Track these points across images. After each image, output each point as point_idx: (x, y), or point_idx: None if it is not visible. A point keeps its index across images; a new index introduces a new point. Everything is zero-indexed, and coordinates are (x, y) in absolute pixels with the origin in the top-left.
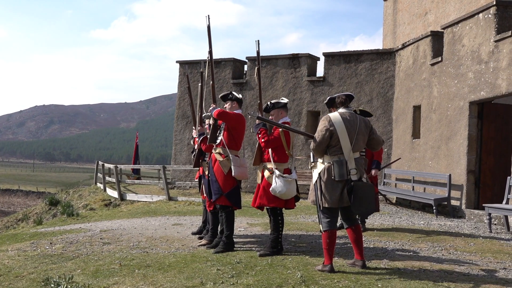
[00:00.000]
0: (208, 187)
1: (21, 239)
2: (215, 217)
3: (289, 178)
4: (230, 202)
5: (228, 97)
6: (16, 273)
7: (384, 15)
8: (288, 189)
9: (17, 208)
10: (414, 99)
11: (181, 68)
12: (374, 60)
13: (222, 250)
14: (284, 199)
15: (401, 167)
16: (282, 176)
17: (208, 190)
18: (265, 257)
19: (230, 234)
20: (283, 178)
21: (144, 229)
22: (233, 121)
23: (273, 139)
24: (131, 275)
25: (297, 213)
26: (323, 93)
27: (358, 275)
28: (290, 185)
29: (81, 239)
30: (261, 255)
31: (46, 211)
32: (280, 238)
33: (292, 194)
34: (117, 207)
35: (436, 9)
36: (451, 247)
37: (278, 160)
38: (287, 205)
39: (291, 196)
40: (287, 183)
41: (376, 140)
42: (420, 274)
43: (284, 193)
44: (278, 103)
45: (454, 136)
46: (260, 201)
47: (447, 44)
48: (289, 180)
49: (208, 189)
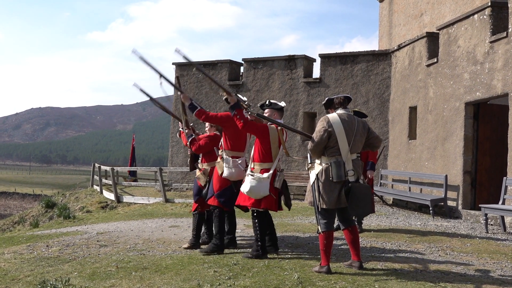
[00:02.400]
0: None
1: (17, 242)
2: (197, 220)
3: (256, 177)
4: (219, 203)
5: None
6: (13, 276)
7: (379, 17)
8: (253, 187)
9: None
10: (410, 100)
11: (177, 70)
12: (370, 62)
13: (208, 251)
14: (253, 197)
15: (398, 168)
16: (250, 174)
17: (194, 192)
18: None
19: (219, 235)
20: (251, 176)
21: (141, 231)
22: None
23: (252, 125)
24: (128, 278)
25: (294, 214)
26: (320, 95)
27: (355, 276)
28: (257, 183)
29: (78, 242)
30: (243, 257)
31: (43, 213)
32: (259, 241)
33: (260, 194)
34: (114, 209)
35: (431, 10)
36: (448, 248)
37: (257, 159)
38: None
39: (258, 196)
40: (254, 180)
41: (376, 138)
42: (417, 275)
43: (249, 190)
44: (275, 104)
45: (450, 136)
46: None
47: (443, 45)
48: (256, 179)
49: (195, 191)
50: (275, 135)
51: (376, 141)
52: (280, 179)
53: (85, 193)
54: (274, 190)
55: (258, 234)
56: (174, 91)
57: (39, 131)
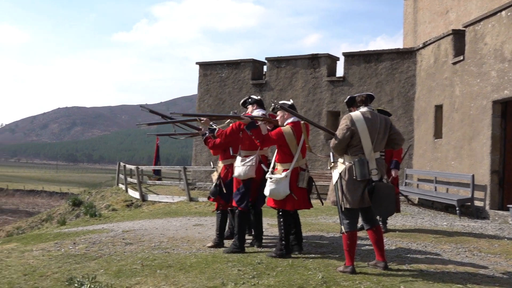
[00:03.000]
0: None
1: (45, 239)
2: (220, 218)
3: (274, 179)
4: (235, 203)
5: (248, 101)
6: (41, 272)
7: (404, 14)
8: (273, 189)
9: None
10: (435, 99)
11: (200, 70)
12: (395, 60)
13: (230, 251)
14: (276, 199)
15: (423, 167)
16: (268, 177)
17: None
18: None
19: (239, 235)
20: (269, 179)
21: (166, 229)
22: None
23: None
24: (153, 275)
25: (318, 213)
26: (343, 93)
27: (380, 276)
28: (276, 185)
29: (104, 240)
30: (267, 256)
31: (70, 211)
32: (284, 240)
33: (281, 194)
34: (139, 208)
35: (457, 7)
36: (475, 249)
37: (278, 160)
38: (288, 207)
39: (280, 197)
40: (272, 183)
41: (397, 134)
42: (443, 276)
43: (270, 193)
44: (284, 104)
45: (477, 135)
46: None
47: (469, 42)
48: (274, 181)
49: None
50: (290, 136)
51: (398, 137)
52: (303, 178)
53: (110, 192)
54: (298, 189)
55: (283, 233)
56: (198, 90)
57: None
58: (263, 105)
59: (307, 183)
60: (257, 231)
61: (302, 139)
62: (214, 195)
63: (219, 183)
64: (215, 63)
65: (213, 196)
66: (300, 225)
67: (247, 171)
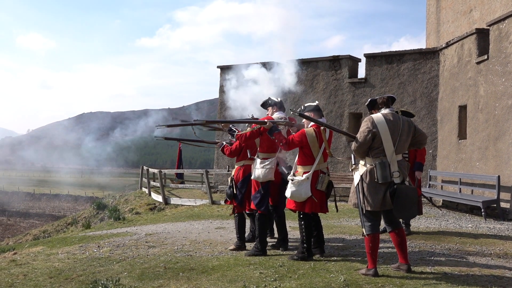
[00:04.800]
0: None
1: (70, 243)
2: (238, 221)
3: (295, 181)
4: (254, 206)
5: (268, 103)
6: (66, 275)
7: (427, 14)
8: (294, 191)
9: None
10: (459, 99)
11: (221, 73)
12: (417, 60)
13: (251, 253)
14: (297, 201)
15: (447, 168)
16: (290, 179)
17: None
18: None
19: (261, 238)
20: (291, 181)
21: (188, 232)
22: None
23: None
24: (175, 278)
25: (340, 216)
26: (365, 95)
27: (403, 279)
28: (297, 187)
29: (127, 243)
30: (288, 259)
31: (94, 215)
32: (305, 243)
33: (302, 196)
34: (162, 211)
35: (481, 5)
36: (501, 251)
37: (300, 162)
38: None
39: (301, 199)
40: (293, 185)
41: (421, 134)
42: (468, 279)
43: (291, 195)
44: (309, 106)
45: (503, 136)
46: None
47: (493, 41)
48: (295, 183)
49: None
50: (313, 138)
51: (422, 137)
52: (323, 181)
53: (134, 195)
54: (317, 192)
55: (304, 236)
56: (219, 94)
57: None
58: (283, 107)
59: (326, 187)
60: (282, 234)
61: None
62: (230, 198)
63: (232, 185)
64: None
65: (229, 199)
66: (322, 228)
67: (266, 174)
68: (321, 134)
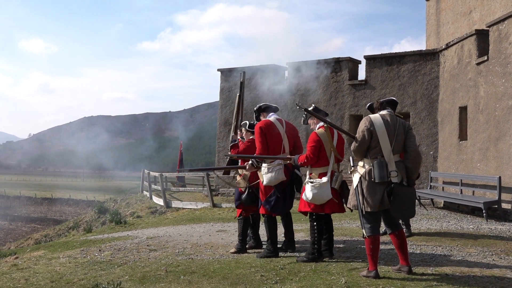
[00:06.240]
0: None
1: (72, 247)
2: (242, 225)
3: (316, 183)
4: (266, 210)
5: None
6: (67, 279)
7: (426, 15)
8: (316, 194)
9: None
10: (460, 100)
11: (222, 76)
12: (417, 62)
13: (264, 255)
14: (318, 204)
15: (448, 170)
16: (309, 182)
17: (236, 197)
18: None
19: (272, 241)
20: (310, 183)
21: (189, 236)
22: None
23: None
24: (176, 281)
25: (341, 218)
26: (365, 97)
27: (404, 281)
28: (318, 189)
29: (129, 246)
30: (297, 261)
31: (96, 219)
32: (316, 244)
33: (323, 199)
34: (163, 215)
35: (481, 6)
36: (503, 252)
37: (313, 164)
38: (327, 210)
39: (322, 201)
40: (314, 188)
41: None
42: (469, 280)
43: (312, 198)
44: (316, 109)
45: (503, 137)
46: (299, 207)
47: (493, 42)
48: (316, 185)
49: (236, 196)
50: (325, 137)
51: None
52: (337, 179)
53: (135, 199)
54: (335, 192)
55: (316, 237)
56: (219, 96)
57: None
58: (278, 109)
59: (339, 185)
60: (289, 236)
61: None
62: (247, 203)
63: (250, 191)
64: (235, 69)
65: (247, 204)
66: (333, 231)
67: (278, 176)
68: (332, 132)
